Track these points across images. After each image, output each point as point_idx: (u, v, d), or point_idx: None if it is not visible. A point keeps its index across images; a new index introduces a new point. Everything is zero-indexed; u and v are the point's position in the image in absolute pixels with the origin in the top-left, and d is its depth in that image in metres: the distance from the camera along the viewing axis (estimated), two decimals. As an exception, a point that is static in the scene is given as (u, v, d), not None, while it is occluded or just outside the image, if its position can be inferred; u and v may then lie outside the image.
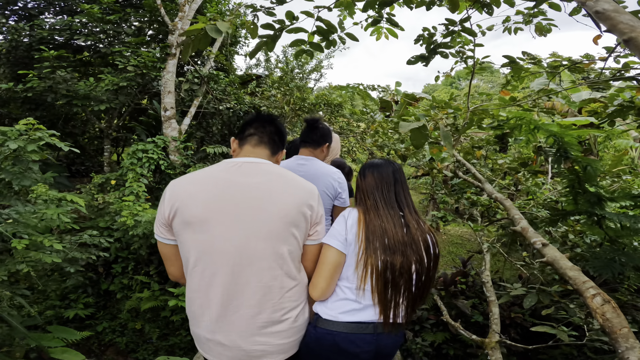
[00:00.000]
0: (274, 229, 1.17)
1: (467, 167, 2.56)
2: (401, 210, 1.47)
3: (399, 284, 1.36)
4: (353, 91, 7.11)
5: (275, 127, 1.41)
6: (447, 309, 4.15)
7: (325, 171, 2.24)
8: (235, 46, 8.77)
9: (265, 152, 1.34)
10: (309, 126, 2.31)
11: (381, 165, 1.55)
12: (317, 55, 8.53)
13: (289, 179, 1.26)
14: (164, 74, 5.14)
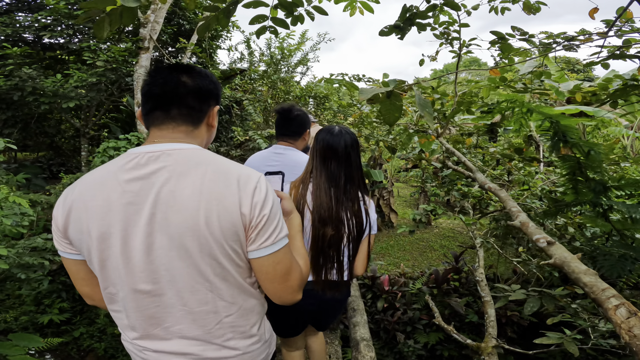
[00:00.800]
0: (185, 246, 0.84)
1: (457, 157, 2.35)
2: (345, 185, 1.52)
3: (329, 254, 1.51)
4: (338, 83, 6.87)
5: (187, 79, 0.95)
6: (439, 307, 3.95)
7: (303, 161, 2.01)
8: (217, 40, 8.46)
9: (180, 130, 0.94)
10: (283, 117, 2.08)
11: (334, 134, 1.53)
12: (302, 48, 8.25)
13: (207, 171, 0.86)
14: (136, 68, 4.83)
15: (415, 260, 6.03)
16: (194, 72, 0.96)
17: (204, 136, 1.00)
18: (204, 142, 1.00)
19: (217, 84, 1.02)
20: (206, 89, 0.96)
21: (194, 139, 0.96)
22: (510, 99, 2.10)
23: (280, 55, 7.72)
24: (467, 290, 4.25)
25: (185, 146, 0.90)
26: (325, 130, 1.58)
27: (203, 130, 0.99)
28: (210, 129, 1.03)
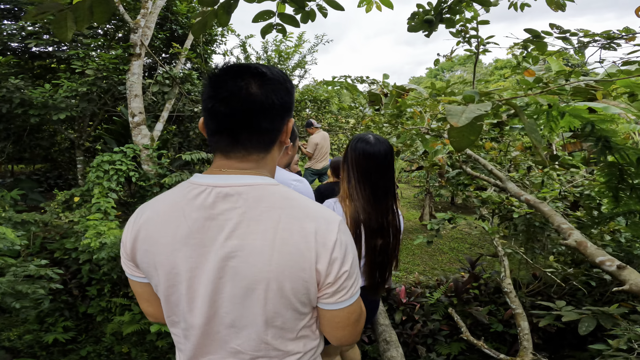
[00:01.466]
0: (252, 297, 0.76)
1: (482, 164, 2.14)
2: (385, 195, 1.53)
3: (379, 261, 1.55)
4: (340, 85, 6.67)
5: (258, 90, 0.76)
6: (461, 317, 3.75)
7: (278, 180, 1.77)
8: (212, 44, 8.24)
9: (251, 159, 0.80)
10: None
11: (374, 145, 1.51)
12: (300, 50, 8.05)
13: (281, 217, 0.74)
14: (128, 76, 4.61)
15: (426, 264, 5.82)
16: (266, 79, 0.76)
17: (276, 158, 0.86)
18: (275, 164, 0.87)
19: (292, 90, 0.83)
20: (281, 104, 0.78)
21: (265, 167, 0.82)
22: (538, 102, 1.89)
23: (278, 59, 7.52)
24: (487, 297, 4.05)
25: (256, 180, 0.77)
26: (360, 140, 1.55)
27: (275, 152, 0.85)
28: (282, 146, 0.86)
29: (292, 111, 0.85)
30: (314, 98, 6.51)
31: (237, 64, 0.78)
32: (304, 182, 1.80)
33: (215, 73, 0.77)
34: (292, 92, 0.83)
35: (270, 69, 0.78)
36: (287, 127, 0.83)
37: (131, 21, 4.59)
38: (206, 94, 0.77)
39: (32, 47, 5.15)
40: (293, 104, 0.85)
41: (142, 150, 4.66)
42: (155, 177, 4.65)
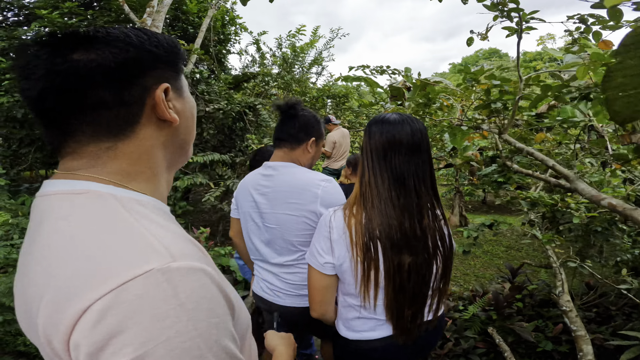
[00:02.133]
0: None
1: (541, 160, 1.73)
2: (415, 189, 1.09)
3: (408, 288, 1.10)
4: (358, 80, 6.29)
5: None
6: (500, 333, 3.31)
7: (303, 183, 1.45)
8: (226, 44, 8.06)
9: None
10: (282, 114, 1.55)
11: (395, 123, 1.11)
12: (315, 45, 7.72)
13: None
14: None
15: (457, 269, 5.36)
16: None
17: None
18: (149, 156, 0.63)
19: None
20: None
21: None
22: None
23: (293, 55, 7.23)
24: (532, 310, 3.57)
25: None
26: (378, 120, 1.15)
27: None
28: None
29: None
30: (331, 95, 6.18)
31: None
32: (332, 182, 1.49)
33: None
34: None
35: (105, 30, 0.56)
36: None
37: (137, 20, 4.41)
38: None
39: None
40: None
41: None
42: (168, 182, 4.46)
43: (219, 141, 5.74)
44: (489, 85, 2.05)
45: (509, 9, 2.02)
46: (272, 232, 1.52)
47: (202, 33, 5.41)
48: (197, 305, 0.43)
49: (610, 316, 3.27)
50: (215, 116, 5.05)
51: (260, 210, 1.53)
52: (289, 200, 1.45)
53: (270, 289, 1.60)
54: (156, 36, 0.59)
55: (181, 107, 0.63)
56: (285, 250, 1.52)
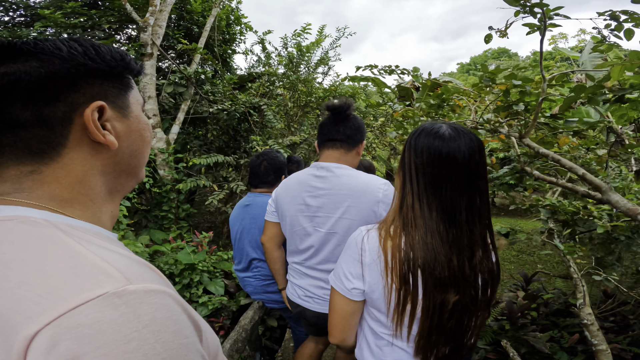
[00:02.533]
0: None
1: (569, 168, 1.60)
2: (468, 221, 0.91)
3: (447, 327, 0.93)
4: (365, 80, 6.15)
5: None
6: (513, 344, 3.17)
7: (364, 186, 1.37)
8: (232, 44, 7.97)
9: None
10: (336, 115, 1.46)
11: (450, 138, 0.91)
12: (321, 44, 7.61)
13: None
14: (141, 77, 4.36)
15: (466, 275, 5.22)
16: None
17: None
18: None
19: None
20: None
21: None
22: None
23: (299, 55, 7.12)
24: (546, 320, 3.43)
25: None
26: (427, 132, 0.95)
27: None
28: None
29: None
30: (338, 95, 6.05)
31: None
32: (390, 186, 1.40)
33: None
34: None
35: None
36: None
37: (140, 19, 4.34)
38: None
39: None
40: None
41: (157, 154, 4.40)
42: (172, 182, 4.37)
43: (223, 142, 5.65)
44: (508, 85, 1.93)
45: (532, 4, 1.88)
46: (324, 237, 1.43)
47: (206, 32, 5.33)
48: (163, 327, 0.39)
49: (627, 325, 3.14)
50: (219, 117, 4.96)
51: (312, 213, 1.45)
52: (348, 204, 1.37)
53: (308, 296, 1.54)
54: (97, 47, 0.53)
55: (124, 128, 0.55)
56: (336, 257, 1.44)
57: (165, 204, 4.37)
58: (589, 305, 2.11)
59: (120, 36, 6.44)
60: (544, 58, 9.16)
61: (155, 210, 4.41)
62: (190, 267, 3.43)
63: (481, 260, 0.93)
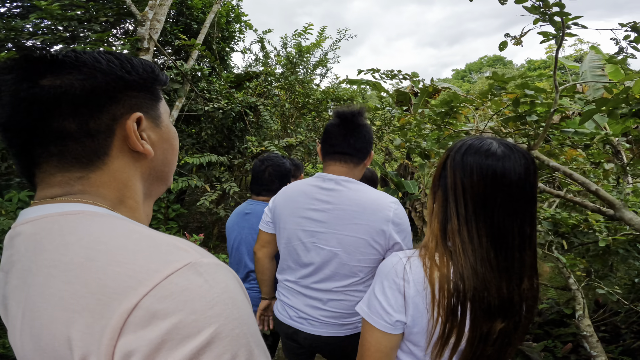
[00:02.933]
0: None
1: (581, 183, 1.54)
2: (520, 247, 0.84)
3: (489, 354, 0.87)
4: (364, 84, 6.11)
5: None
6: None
7: (374, 203, 1.28)
8: (230, 41, 7.86)
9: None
10: (347, 125, 1.34)
11: (502, 157, 0.82)
12: (321, 46, 7.55)
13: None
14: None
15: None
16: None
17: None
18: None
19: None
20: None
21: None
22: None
23: (298, 55, 7.05)
24: (541, 329, 3.40)
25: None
26: (473, 148, 0.86)
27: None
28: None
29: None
30: (335, 97, 5.98)
31: None
32: (400, 205, 1.32)
33: None
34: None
35: None
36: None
37: (138, 13, 4.22)
38: None
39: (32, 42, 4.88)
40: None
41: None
42: (163, 183, 4.24)
43: (217, 141, 5.54)
44: (518, 94, 1.87)
45: (553, 13, 1.82)
46: (326, 254, 1.33)
47: (205, 29, 5.22)
48: (235, 294, 0.45)
49: (619, 334, 3.15)
50: (214, 115, 4.85)
51: (315, 228, 1.34)
52: (356, 221, 1.27)
53: (301, 317, 1.42)
54: (130, 61, 0.56)
55: (158, 137, 0.60)
56: (338, 276, 1.34)
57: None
58: (587, 316, 2.07)
59: (117, 30, 6.30)
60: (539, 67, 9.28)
61: (144, 209, 4.28)
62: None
63: (528, 286, 0.87)
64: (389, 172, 5.93)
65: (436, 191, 0.92)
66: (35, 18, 5.10)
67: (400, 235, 1.28)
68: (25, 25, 5.22)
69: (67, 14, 4.82)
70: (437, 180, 0.93)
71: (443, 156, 0.93)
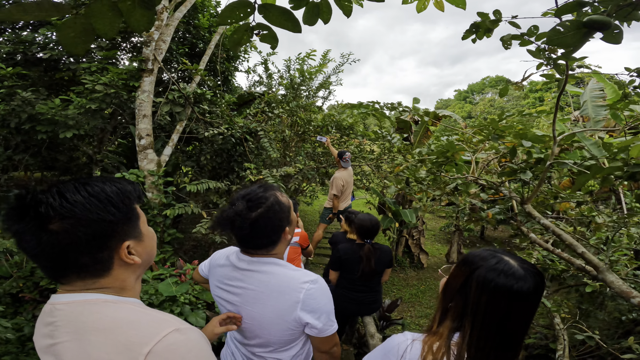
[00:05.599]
0: None
1: (569, 242, 1.53)
2: (514, 355, 0.94)
3: None
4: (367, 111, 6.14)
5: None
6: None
7: (282, 285, 1.25)
8: (235, 61, 7.97)
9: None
10: (236, 225, 1.23)
11: (523, 278, 0.91)
12: (324, 70, 7.64)
13: None
14: (138, 93, 4.26)
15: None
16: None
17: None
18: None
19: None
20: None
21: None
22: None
23: (301, 79, 7.13)
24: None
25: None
26: (498, 270, 0.95)
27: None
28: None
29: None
30: (336, 124, 6.01)
31: None
32: (318, 283, 1.25)
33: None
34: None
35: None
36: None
37: (144, 33, 4.28)
38: None
39: (40, 55, 4.94)
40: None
41: (147, 176, 4.26)
42: (159, 207, 4.22)
43: (217, 164, 5.54)
44: (515, 143, 1.87)
45: (557, 57, 1.81)
46: (244, 324, 1.32)
47: (210, 50, 5.30)
48: (203, 350, 0.76)
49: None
50: (214, 140, 4.86)
51: (231, 301, 1.33)
52: (264, 302, 1.25)
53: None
54: (110, 199, 0.78)
55: (142, 248, 0.85)
56: (258, 344, 1.33)
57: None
58: (567, 357, 2.03)
59: (126, 44, 6.38)
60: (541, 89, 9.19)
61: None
62: (172, 299, 3.27)
63: None
64: (387, 199, 5.91)
65: (453, 296, 0.99)
66: (44, 32, 5.18)
67: (313, 315, 1.23)
68: (36, 38, 5.30)
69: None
70: (455, 286, 1.00)
71: (464, 269, 1.00)
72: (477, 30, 1.64)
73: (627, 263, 2.70)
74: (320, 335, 1.27)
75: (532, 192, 1.82)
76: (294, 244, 3.04)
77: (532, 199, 1.82)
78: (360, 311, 2.96)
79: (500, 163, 2.78)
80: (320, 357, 1.35)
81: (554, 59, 1.63)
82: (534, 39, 1.65)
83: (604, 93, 5.01)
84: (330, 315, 1.28)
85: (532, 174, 1.80)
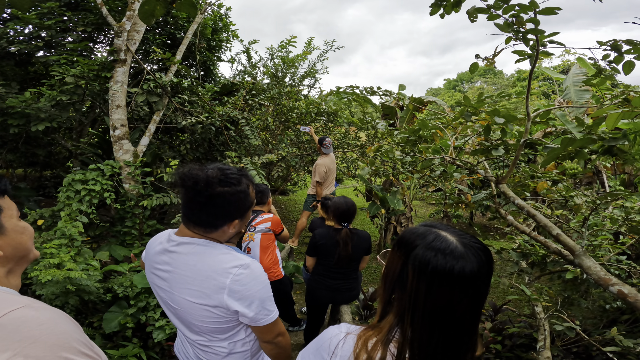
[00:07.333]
0: None
1: (543, 222, 1.49)
2: (466, 345, 0.79)
3: None
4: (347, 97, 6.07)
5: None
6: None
7: (208, 268, 1.17)
8: (217, 51, 7.78)
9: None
10: (192, 195, 1.16)
11: (463, 256, 0.77)
12: (309, 57, 7.51)
13: None
14: (111, 84, 4.12)
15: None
16: None
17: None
18: None
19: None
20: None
21: None
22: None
23: (285, 67, 6.99)
24: (511, 352, 3.32)
25: None
26: (433, 247, 0.80)
27: None
28: None
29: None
30: (319, 111, 5.91)
31: None
32: (250, 268, 1.17)
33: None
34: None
35: None
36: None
37: (115, 24, 4.11)
38: None
39: (10, 49, 4.75)
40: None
41: (123, 167, 4.14)
42: (137, 198, 4.11)
43: (200, 153, 5.42)
44: (490, 121, 1.81)
45: (526, 30, 1.73)
46: (175, 310, 1.27)
47: (187, 40, 5.13)
48: (64, 328, 0.73)
49: (590, 357, 3.08)
50: (194, 129, 4.74)
51: (162, 286, 1.27)
52: (190, 287, 1.18)
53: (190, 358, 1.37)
54: None
55: (4, 242, 0.82)
56: (192, 331, 1.28)
57: (129, 220, 4.10)
58: (548, 348, 2.00)
59: (100, 38, 6.18)
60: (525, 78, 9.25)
61: (118, 225, 4.14)
62: (147, 291, 3.20)
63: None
64: (374, 186, 5.87)
65: (391, 287, 0.86)
66: (13, 27, 4.98)
67: (242, 302, 1.16)
68: (8, 32, 5.09)
69: (44, 22, 4.71)
70: (394, 274, 0.85)
71: (400, 251, 0.85)
72: (443, 3, 1.56)
73: (610, 248, 2.61)
74: (255, 325, 1.21)
75: (508, 170, 1.77)
76: (266, 230, 2.91)
77: (507, 178, 1.77)
78: (335, 299, 2.86)
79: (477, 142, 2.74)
80: (265, 347, 1.29)
81: (523, 33, 1.56)
82: (501, 12, 1.58)
83: (586, 77, 4.99)
84: (264, 303, 1.20)
85: (507, 152, 1.75)
